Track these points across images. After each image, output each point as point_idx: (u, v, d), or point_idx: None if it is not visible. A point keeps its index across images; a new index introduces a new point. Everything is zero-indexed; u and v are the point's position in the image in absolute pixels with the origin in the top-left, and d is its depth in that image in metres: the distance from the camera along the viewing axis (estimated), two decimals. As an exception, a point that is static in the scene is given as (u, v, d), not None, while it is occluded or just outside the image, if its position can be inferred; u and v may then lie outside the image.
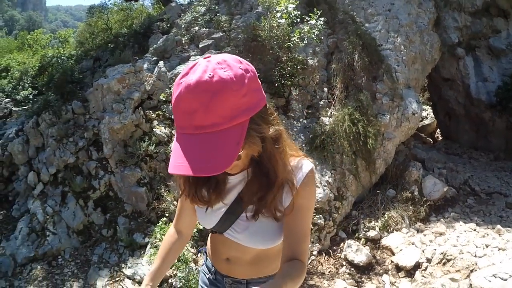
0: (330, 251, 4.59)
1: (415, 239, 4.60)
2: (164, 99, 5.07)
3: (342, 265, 4.43)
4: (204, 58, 0.93)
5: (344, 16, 6.01)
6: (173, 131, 4.85)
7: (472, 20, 7.65)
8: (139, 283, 4.10)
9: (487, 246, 4.39)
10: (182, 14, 7.70)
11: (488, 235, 4.73)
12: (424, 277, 4.07)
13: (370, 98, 5.41)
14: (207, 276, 1.47)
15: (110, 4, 9.44)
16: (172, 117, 4.99)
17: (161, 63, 5.36)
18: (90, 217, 4.72)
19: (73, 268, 4.43)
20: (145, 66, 5.49)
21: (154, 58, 6.04)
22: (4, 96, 8.44)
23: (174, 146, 0.95)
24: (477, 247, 4.35)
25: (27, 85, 8.50)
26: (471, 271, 4.00)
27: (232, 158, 0.87)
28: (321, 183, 4.73)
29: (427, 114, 9.59)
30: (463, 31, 7.63)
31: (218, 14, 6.66)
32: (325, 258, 4.53)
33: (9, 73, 8.96)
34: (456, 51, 7.62)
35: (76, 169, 4.93)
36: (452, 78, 8.04)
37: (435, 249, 4.36)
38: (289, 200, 1.13)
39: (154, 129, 4.81)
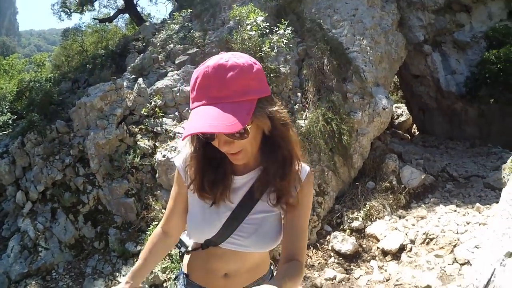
0: (318, 244, 4.92)
1: (397, 224, 5.00)
2: (145, 113, 5.41)
3: (330, 256, 4.76)
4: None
5: (311, 24, 6.57)
6: (156, 143, 5.17)
7: (436, 17, 8.20)
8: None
9: (468, 223, 4.75)
10: (157, 33, 8.15)
11: (468, 213, 5.09)
12: (410, 257, 4.44)
13: (341, 98, 5.89)
14: None
15: (84, 26, 9.80)
16: (155, 130, 5.34)
17: (140, 79, 5.73)
18: (81, 231, 4.93)
19: (68, 281, 4.61)
20: (125, 84, 5.84)
21: (133, 76, 6.41)
22: (-17, 122, 8.55)
23: (189, 117, 1.05)
24: (458, 225, 4.72)
25: (5, 110, 8.65)
26: (454, 246, 4.37)
27: (244, 122, 0.97)
28: (303, 180, 5.12)
29: (402, 111, 10.15)
30: (428, 29, 8.19)
31: (192, 31, 7.13)
32: (313, 251, 4.86)
33: (-15, 99, 9.10)
34: (423, 48, 8.19)
35: (64, 186, 5.16)
36: (422, 74, 8.59)
37: (418, 231, 4.75)
38: (294, 195, 1.20)
39: (138, 143, 5.12)
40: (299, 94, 6.06)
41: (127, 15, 11.58)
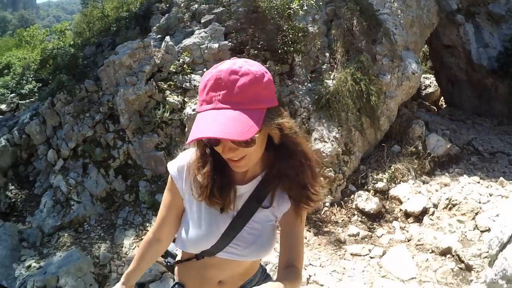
0: (342, 202, 5.03)
1: (421, 189, 5.04)
2: (174, 70, 5.48)
3: (353, 214, 4.88)
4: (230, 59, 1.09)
5: (341, -16, 6.42)
6: (185, 99, 5.27)
7: None
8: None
9: (490, 195, 4.75)
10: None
11: (491, 186, 5.10)
12: (432, 220, 4.51)
13: (370, 59, 5.84)
14: None
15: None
16: (184, 86, 5.43)
17: (167, 37, 5.77)
18: (111, 184, 5.14)
19: (100, 232, 4.87)
20: (151, 42, 5.90)
21: (159, 36, 6.43)
22: (9, 92, 8.83)
23: (196, 120, 1.03)
24: (481, 195, 4.73)
25: (30, 79, 8.89)
26: (476, 214, 4.41)
27: (255, 130, 0.97)
28: (329, 139, 5.17)
29: (430, 82, 9.90)
30: None
31: (218, -9, 7.06)
32: (337, 209, 4.97)
33: (11, 70, 9.34)
34: (455, 18, 7.87)
35: (94, 142, 5.35)
36: (453, 44, 8.29)
37: (441, 196, 4.79)
38: (288, 203, 1.22)
39: (167, 98, 5.23)
40: (327, 54, 6.02)
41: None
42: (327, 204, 4.95)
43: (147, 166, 5.08)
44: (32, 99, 8.48)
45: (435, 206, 4.62)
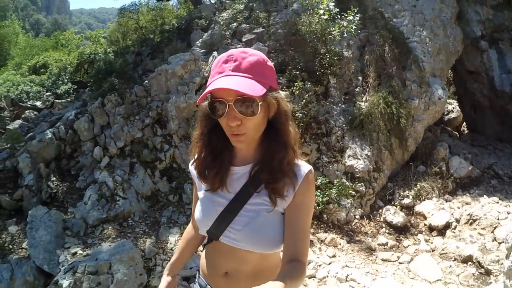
0: (371, 215, 5.59)
1: (444, 205, 5.61)
2: (219, 83, 6.15)
3: (382, 227, 5.43)
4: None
5: (373, 12, 7.15)
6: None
7: (494, 13, 8.36)
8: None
9: (508, 213, 5.36)
10: (217, 12, 8.89)
11: (510, 206, 5.71)
12: (454, 233, 5.07)
13: (400, 84, 6.50)
14: None
15: (144, 2, 10.62)
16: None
17: (215, 53, 6.46)
18: (156, 185, 5.72)
19: (144, 227, 5.41)
20: (200, 56, 6.58)
21: (203, 50, 7.14)
22: (45, 90, 9.53)
23: (210, 84, 1.20)
24: (499, 212, 5.33)
25: (66, 80, 9.61)
26: (495, 228, 4.99)
27: (262, 92, 1.14)
28: (362, 156, 5.77)
29: (453, 107, 10.46)
30: (486, 24, 8.42)
31: (257, 11, 7.81)
32: (367, 221, 5.52)
33: (47, 69, 10.10)
34: (479, 44, 8.43)
35: (142, 144, 5.96)
36: (477, 70, 8.81)
37: (462, 213, 5.36)
38: (292, 193, 1.26)
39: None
40: (360, 78, 6.68)
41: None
42: (357, 216, 5.51)
43: (192, 169, 5.67)
44: (68, 99, 9.15)
45: (457, 221, 5.18)
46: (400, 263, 4.50)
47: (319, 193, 5.23)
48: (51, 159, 6.45)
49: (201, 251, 1.58)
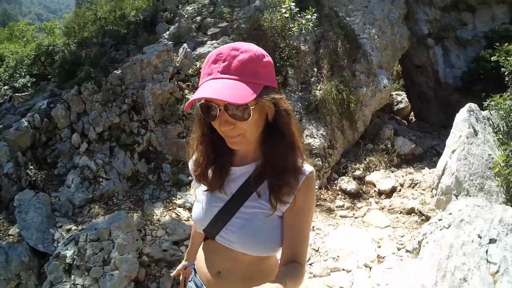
0: (328, 186, 6.91)
1: (391, 175, 7.03)
2: (191, 73, 7.17)
3: (338, 194, 6.75)
4: None
5: (329, 11, 8.53)
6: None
7: (442, 14, 9.84)
8: (190, 209, 6.08)
9: None
10: (180, 6, 9.89)
11: None
12: (399, 194, 6.52)
13: (350, 75, 7.92)
14: None
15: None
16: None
17: (185, 44, 7.47)
18: (136, 166, 6.63)
19: (129, 204, 6.28)
20: (172, 48, 7.58)
21: (170, 42, 8.13)
22: (2, 84, 9.91)
23: (199, 88, 1.22)
24: (437, 178, 6.89)
25: (23, 73, 10.06)
26: (433, 188, 6.49)
27: (249, 98, 1.13)
28: (317, 135, 7.08)
29: (402, 98, 12.16)
30: (433, 24, 9.99)
31: (221, 6, 8.93)
32: (324, 191, 6.82)
33: (3, 62, 10.46)
34: (426, 41, 10.03)
35: (119, 129, 6.83)
36: (423, 65, 10.47)
37: (406, 179, 6.84)
38: (292, 196, 1.31)
39: (186, 96, 6.90)
40: (315, 69, 8.02)
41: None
42: (316, 187, 6.80)
43: (168, 151, 6.64)
44: (27, 93, 9.63)
45: (401, 185, 6.64)
46: (355, 217, 5.83)
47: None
48: (26, 148, 7.03)
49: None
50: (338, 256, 4.48)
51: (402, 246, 4.71)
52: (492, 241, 2.78)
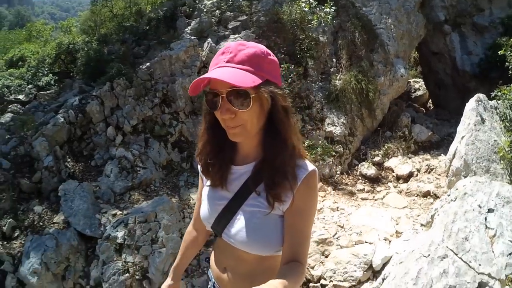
0: (349, 171, 7.88)
1: (408, 161, 7.99)
2: (217, 66, 8.14)
3: (358, 179, 7.71)
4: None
5: (345, 2, 9.41)
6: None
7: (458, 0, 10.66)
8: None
9: None
10: (197, 0, 10.79)
11: None
12: (416, 178, 7.47)
13: (369, 65, 8.82)
14: (208, 286, 1.85)
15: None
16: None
17: (209, 39, 8.41)
18: (170, 155, 7.64)
19: (166, 191, 7.30)
20: (198, 43, 8.52)
21: (193, 37, 9.05)
22: (26, 83, 10.90)
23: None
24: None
25: (45, 71, 11.04)
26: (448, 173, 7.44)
27: (250, 83, 1.30)
28: (338, 124, 8.02)
29: (420, 86, 12.97)
30: (449, 10, 10.72)
31: (240, 0, 9.82)
32: (346, 176, 7.79)
33: (25, 62, 11.47)
34: (443, 28, 10.76)
35: (152, 121, 7.83)
36: (440, 52, 11.21)
37: (422, 164, 7.78)
38: (290, 196, 1.42)
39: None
40: (334, 59, 8.93)
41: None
42: (338, 172, 7.74)
43: (200, 140, 7.66)
44: (52, 90, 10.62)
45: (418, 170, 7.58)
46: (375, 200, 6.79)
47: (307, 153, 7.41)
48: (63, 142, 8.04)
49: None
50: (360, 232, 5.44)
51: (418, 223, 5.67)
52: (490, 210, 3.71)
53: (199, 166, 1.67)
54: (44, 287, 5.55)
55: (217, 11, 9.85)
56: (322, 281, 4.83)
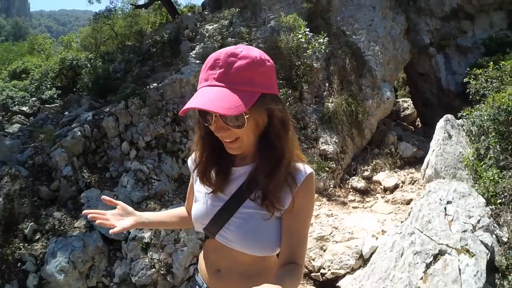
0: (341, 185, 9.83)
1: (394, 174, 10.00)
2: (223, 89, 10.03)
3: (350, 191, 9.66)
4: None
5: (337, 30, 11.53)
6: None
7: (442, 23, 12.48)
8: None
9: None
10: (198, 23, 12.77)
11: None
12: (401, 189, 9.45)
13: (358, 89, 10.90)
14: None
15: (120, 8, 13.94)
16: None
17: (216, 64, 10.35)
18: (181, 169, 9.44)
19: (179, 201, 9.03)
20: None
21: (197, 61, 10.97)
22: (29, 95, 12.58)
23: (195, 94, 1.50)
24: (429, 179, 9.87)
25: (48, 85, 12.77)
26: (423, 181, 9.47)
27: (241, 110, 1.38)
28: (331, 143, 10.00)
29: (408, 105, 15.12)
30: (434, 33, 12.75)
31: (240, 27, 11.82)
32: (338, 189, 9.73)
33: (28, 75, 13.20)
34: (428, 50, 12.84)
35: (164, 138, 9.64)
36: (426, 73, 13.28)
37: (407, 177, 9.80)
38: (289, 199, 1.60)
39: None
40: (326, 84, 10.98)
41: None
42: (331, 185, 9.68)
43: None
44: (56, 104, 12.32)
45: (403, 182, 9.58)
46: (365, 208, 8.73)
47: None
48: (79, 154, 9.75)
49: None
50: (352, 231, 7.34)
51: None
52: (449, 202, 5.63)
53: (192, 167, 1.93)
54: (70, 284, 6.73)
55: (219, 36, 11.83)
56: (322, 271, 6.66)
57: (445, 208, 5.53)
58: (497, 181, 5.96)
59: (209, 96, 1.42)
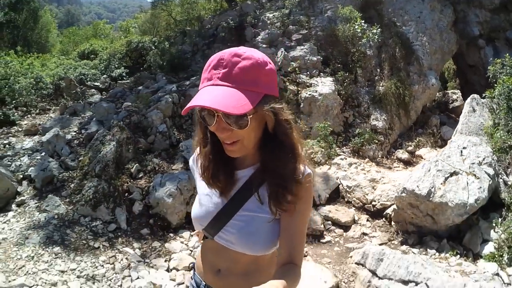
0: (387, 156, 14.29)
1: (434, 151, 14.42)
2: (290, 70, 14.46)
3: (394, 161, 14.11)
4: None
5: (388, 21, 16.00)
6: (299, 88, 14.32)
7: (492, 16, 15.46)
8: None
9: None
10: (257, 11, 17.35)
11: None
12: (438, 162, 13.90)
13: (406, 75, 15.37)
14: None
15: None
16: (297, 81, 14.58)
17: (282, 48, 14.88)
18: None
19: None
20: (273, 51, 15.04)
21: (265, 46, 15.50)
22: (99, 73, 17.19)
23: (197, 93, 1.75)
24: (466, 155, 14.29)
25: (116, 64, 17.41)
26: (461, 160, 13.94)
27: (246, 108, 1.65)
28: (381, 119, 14.48)
29: (457, 97, 18.99)
30: (483, 25, 16.05)
31: (299, 15, 16.33)
32: (385, 159, 14.18)
33: (97, 56, 17.95)
34: (477, 42, 16.24)
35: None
36: (476, 65, 16.72)
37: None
38: (292, 199, 1.96)
39: (288, 87, 14.23)
40: (378, 69, 15.47)
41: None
42: (379, 156, 14.12)
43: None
44: (124, 81, 16.87)
45: (440, 155, 14.04)
46: (409, 171, 13.19)
47: (357, 138, 13.71)
48: (169, 116, 14.05)
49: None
50: (395, 179, 11.77)
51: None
52: (464, 148, 10.07)
53: (193, 167, 2.41)
54: (175, 207, 8.94)
55: (279, 23, 16.41)
56: (373, 203, 11.07)
57: (461, 151, 9.91)
58: (504, 140, 10.27)
59: (213, 94, 1.73)
